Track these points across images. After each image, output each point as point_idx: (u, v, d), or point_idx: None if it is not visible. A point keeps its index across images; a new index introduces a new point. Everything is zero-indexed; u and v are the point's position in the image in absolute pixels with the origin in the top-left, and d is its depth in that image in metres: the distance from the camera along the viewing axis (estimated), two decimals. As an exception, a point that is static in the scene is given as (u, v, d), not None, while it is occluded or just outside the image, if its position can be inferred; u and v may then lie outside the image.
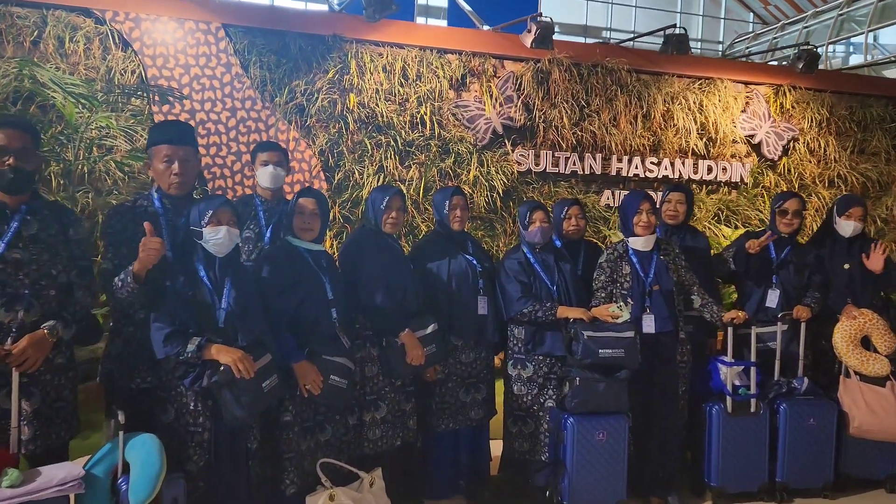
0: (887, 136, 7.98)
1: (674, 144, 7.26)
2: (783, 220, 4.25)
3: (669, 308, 3.87)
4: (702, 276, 4.14)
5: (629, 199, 4.02)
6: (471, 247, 4.05)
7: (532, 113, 6.81)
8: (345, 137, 6.31)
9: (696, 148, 7.30)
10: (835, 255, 4.33)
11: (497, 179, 6.59)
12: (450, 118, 6.63)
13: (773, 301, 4.18)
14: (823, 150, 7.72)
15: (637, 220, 3.91)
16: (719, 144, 7.43)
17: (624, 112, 7.09)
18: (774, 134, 7.58)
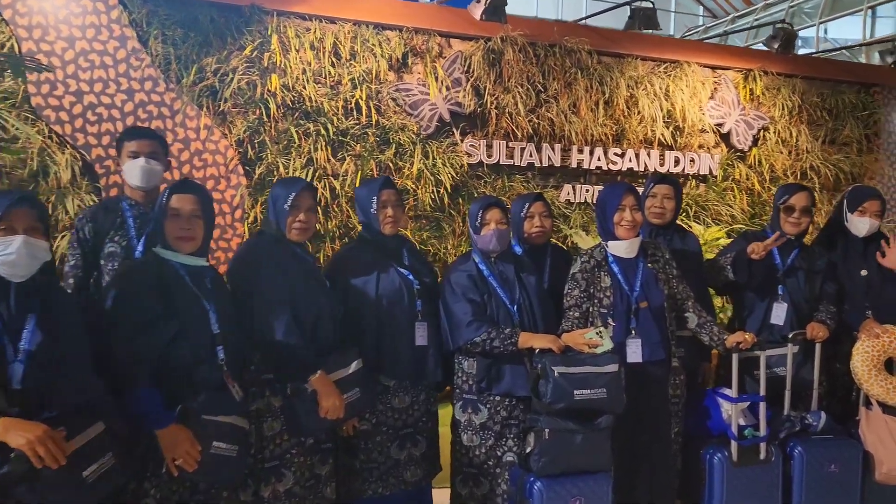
0: (859, 124, 7.21)
1: (638, 134, 6.35)
2: (789, 218, 3.34)
3: (661, 330, 2.92)
4: (693, 287, 3.23)
5: (608, 193, 3.04)
6: (407, 257, 3.03)
7: (483, 98, 5.80)
8: (267, 125, 5.22)
9: (663, 138, 6.41)
10: (849, 259, 3.45)
11: (444, 173, 5.56)
12: (390, 104, 5.58)
13: (780, 317, 3.29)
14: (795, 140, 6.91)
15: (619, 218, 2.94)
16: (687, 134, 6.55)
17: (584, 98, 6.14)
18: (744, 122, 6.74)
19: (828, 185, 7.02)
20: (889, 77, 7.32)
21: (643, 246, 3.03)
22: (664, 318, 2.94)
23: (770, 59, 6.86)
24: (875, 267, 3.37)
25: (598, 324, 2.89)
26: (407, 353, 2.87)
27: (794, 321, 3.25)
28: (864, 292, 3.35)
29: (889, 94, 7.28)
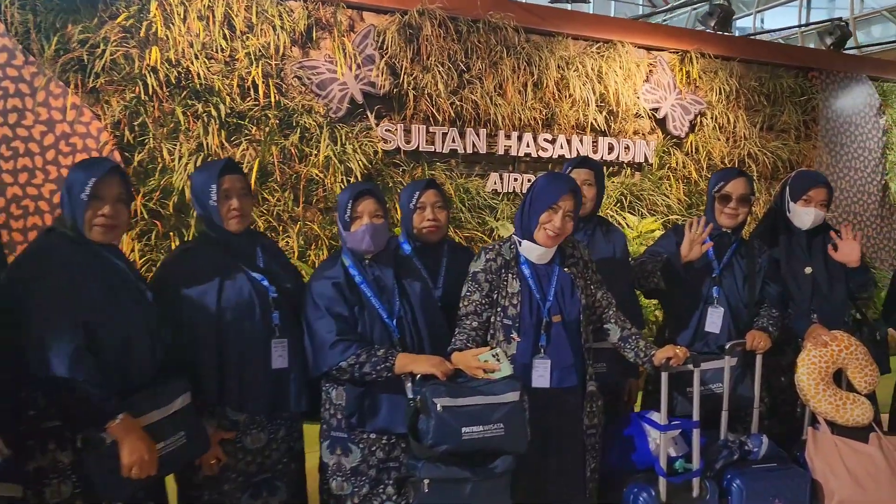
0: (797, 110, 6.78)
1: (570, 118, 5.77)
2: (725, 208, 2.78)
3: (575, 349, 2.31)
4: (617, 290, 2.66)
5: (546, 185, 2.34)
6: (262, 258, 2.36)
7: (400, 78, 5.14)
8: (149, 105, 4.46)
9: (596, 123, 5.84)
10: (792, 255, 2.91)
11: (355, 160, 4.88)
12: (294, 83, 4.87)
13: (716, 324, 2.74)
14: (733, 126, 6.43)
15: (547, 219, 2.30)
16: (621, 119, 5.99)
17: (511, 79, 5.53)
18: (681, 107, 6.22)
19: (766, 173, 6.57)
20: (827, 61, 6.89)
21: (560, 245, 2.42)
22: (579, 334, 2.34)
23: (707, 41, 6.35)
24: (821, 264, 2.84)
25: (500, 337, 2.28)
26: (260, 378, 2.21)
27: (732, 328, 2.69)
28: (810, 294, 2.82)
29: (827, 78, 6.86)
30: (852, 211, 6.98)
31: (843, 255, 2.77)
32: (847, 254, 2.76)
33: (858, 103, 6.99)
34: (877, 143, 7.12)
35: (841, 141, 6.91)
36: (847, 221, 6.93)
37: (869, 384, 2.67)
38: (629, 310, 2.73)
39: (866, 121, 7.06)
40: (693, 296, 2.71)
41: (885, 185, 7.19)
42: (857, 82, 6.98)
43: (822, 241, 2.90)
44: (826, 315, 2.78)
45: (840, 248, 2.77)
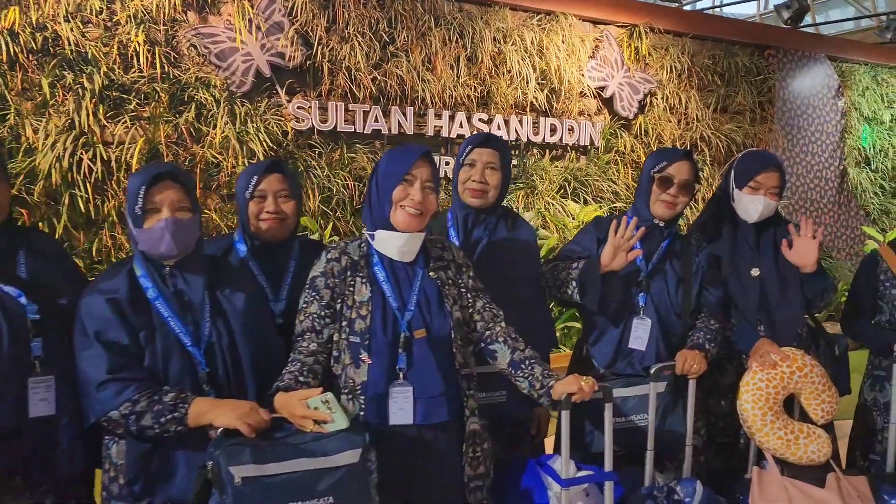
0: (753, 90, 6.23)
1: (508, 97, 5.14)
2: (663, 194, 2.14)
3: (446, 374, 1.66)
4: (524, 297, 2.05)
5: (391, 158, 1.70)
6: (25, 264, 1.69)
7: (313, 49, 4.47)
8: (8, 75, 3.73)
9: (537, 102, 5.22)
10: (737, 253, 2.30)
11: (257, 142, 4.21)
12: (188, 53, 4.17)
13: (642, 339, 2.13)
14: (685, 107, 5.86)
15: (402, 195, 1.68)
16: (564, 98, 5.38)
17: (442, 52, 4.88)
18: (629, 86, 5.62)
19: (719, 157, 6.01)
20: (784, 38, 6.33)
21: (425, 245, 1.79)
22: (452, 355, 1.72)
23: (657, 15, 5.74)
24: (772, 264, 2.24)
25: (346, 360, 1.65)
26: (10, 430, 1.57)
27: (662, 344, 2.09)
28: (757, 301, 2.23)
29: (784, 57, 6.31)
30: (809, 198, 6.47)
31: (797, 255, 2.17)
32: (802, 254, 2.16)
33: (816, 84, 6.46)
34: (835, 126, 6.61)
35: (798, 124, 6.38)
36: (805, 211, 6.42)
37: (827, 413, 2.10)
38: (539, 324, 2.12)
39: (824, 103, 6.53)
40: (615, 304, 2.11)
41: (843, 171, 6.70)
42: (815, 62, 6.44)
43: (773, 236, 2.29)
44: (776, 327, 2.19)
45: (795, 246, 2.18)
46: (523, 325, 2.06)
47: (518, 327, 1.96)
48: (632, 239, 2.04)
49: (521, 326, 2.03)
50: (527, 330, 2.05)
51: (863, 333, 2.31)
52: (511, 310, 2.03)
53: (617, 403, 2.04)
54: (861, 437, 2.34)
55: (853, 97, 6.67)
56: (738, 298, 2.25)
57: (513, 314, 2.03)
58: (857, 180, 6.69)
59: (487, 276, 1.99)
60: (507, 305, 2.02)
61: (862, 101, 6.69)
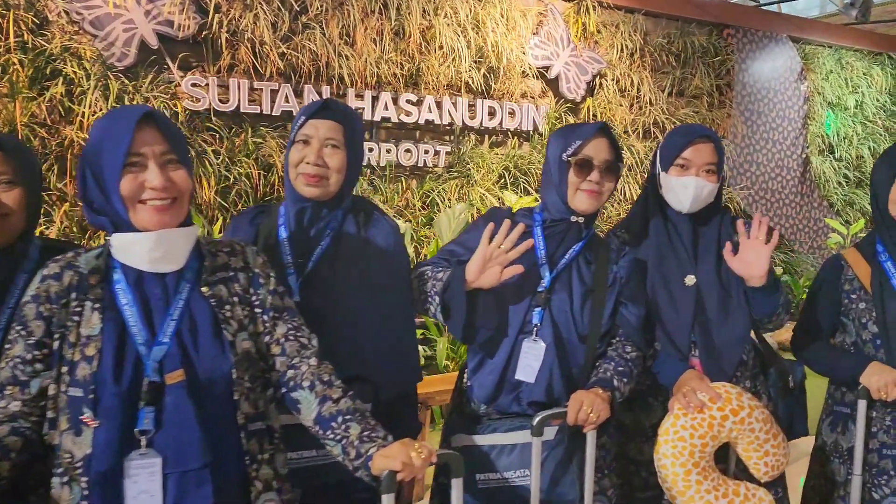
0: (711, 73, 5.72)
1: (440, 76, 4.57)
2: (584, 182, 1.58)
3: (217, 436, 1.09)
4: (379, 316, 1.49)
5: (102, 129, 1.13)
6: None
7: (209, 17, 3.85)
8: None
9: (472, 82, 4.66)
10: (667, 256, 1.75)
11: (134, 121, 3.59)
12: (55, 19, 3.53)
13: (532, 367, 1.54)
14: (637, 90, 5.33)
15: (133, 181, 1.07)
16: (504, 78, 4.82)
17: (363, 25, 4.28)
18: (576, 66, 5.08)
19: (675, 144, 5.50)
20: (744, 17, 5.82)
21: (199, 249, 1.22)
22: (231, 404, 1.14)
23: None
24: (711, 270, 1.69)
25: (64, 425, 1.07)
26: None
27: (557, 375, 1.52)
28: (690, 318, 1.68)
29: (744, 37, 5.80)
30: (770, 188, 5.99)
31: (743, 263, 1.61)
32: (749, 263, 1.60)
33: (778, 67, 5.97)
34: (798, 111, 6.14)
35: (758, 109, 5.89)
36: (765, 202, 5.94)
37: (772, 468, 1.57)
38: (403, 351, 1.56)
39: (786, 87, 6.05)
40: (486, 331, 1.55)
41: (806, 159, 6.23)
42: (776, 43, 5.95)
43: (716, 233, 1.74)
44: (715, 352, 1.65)
45: (742, 250, 1.63)
46: (379, 352, 1.51)
47: (373, 356, 1.42)
48: (511, 251, 1.49)
49: (377, 354, 1.49)
50: (384, 359, 1.50)
51: (820, 359, 1.77)
52: (362, 332, 1.49)
53: (489, 456, 1.49)
54: (818, 489, 1.82)
55: (816, 81, 6.20)
56: (666, 315, 1.70)
57: (365, 338, 1.48)
58: (821, 169, 6.23)
59: (328, 290, 1.47)
60: (355, 327, 1.48)
61: (825, 86, 6.23)
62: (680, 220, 1.74)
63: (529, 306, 1.57)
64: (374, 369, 1.49)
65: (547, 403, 1.52)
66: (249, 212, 1.61)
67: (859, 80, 6.46)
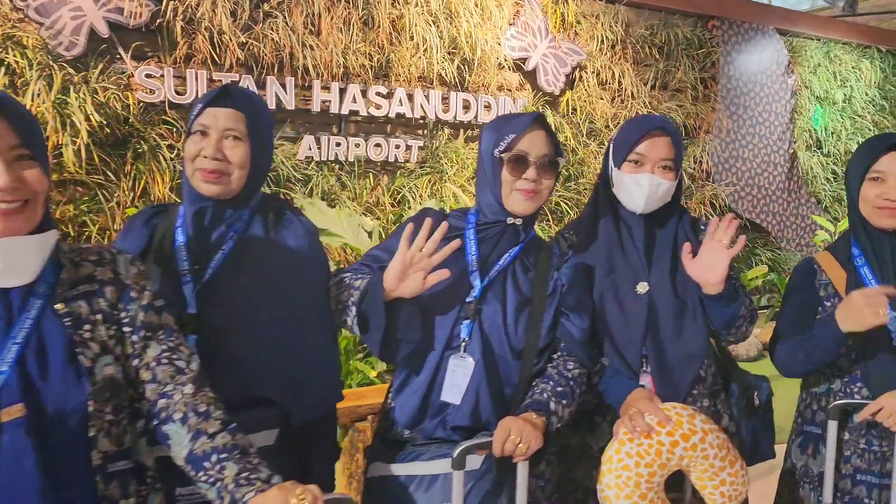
0: (695, 66, 5.54)
1: (411, 68, 4.38)
2: (519, 180, 1.37)
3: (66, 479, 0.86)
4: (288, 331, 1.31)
5: None
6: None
7: (163, 4, 3.65)
8: None
9: (446, 74, 4.46)
10: (618, 261, 1.56)
11: (78, 114, 3.35)
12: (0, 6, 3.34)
13: (458, 387, 1.34)
14: (618, 83, 5.14)
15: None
16: (479, 70, 4.63)
17: (329, 14, 4.09)
18: (554, 58, 4.89)
19: (657, 139, 5.31)
20: (730, 8, 5.63)
21: (58, 258, 1.04)
22: (85, 443, 0.97)
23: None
24: (667, 277, 1.52)
25: None
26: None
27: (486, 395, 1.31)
28: (642, 330, 1.50)
29: (729, 29, 5.62)
30: (756, 184, 5.82)
31: (700, 267, 1.44)
32: (705, 266, 1.43)
33: (765, 60, 5.79)
34: (784, 106, 5.96)
35: (744, 103, 5.71)
36: (751, 199, 5.77)
37: (730, 497, 1.38)
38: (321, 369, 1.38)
39: (773, 80, 5.87)
40: (408, 345, 1.37)
41: (793, 155, 6.06)
42: (763, 35, 5.77)
43: (673, 236, 1.56)
44: (669, 367, 1.47)
45: (701, 254, 1.45)
46: (289, 370, 1.34)
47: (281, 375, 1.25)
48: (435, 255, 1.31)
49: (286, 373, 1.32)
50: (296, 378, 1.34)
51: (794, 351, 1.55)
52: (269, 348, 1.32)
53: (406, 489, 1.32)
54: (787, 517, 1.64)
55: (804, 75, 6.02)
56: (614, 327, 1.53)
57: (272, 354, 1.31)
58: (808, 165, 6.06)
59: (229, 300, 1.31)
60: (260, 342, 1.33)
61: (813, 80, 6.05)
62: (633, 222, 1.56)
63: (457, 318, 1.39)
64: (282, 391, 1.32)
65: (473, 428, 1.35)
66: (146, 212, 1.42)
67: (848, 73, 6.28)
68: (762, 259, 5.64)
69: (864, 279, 1.53)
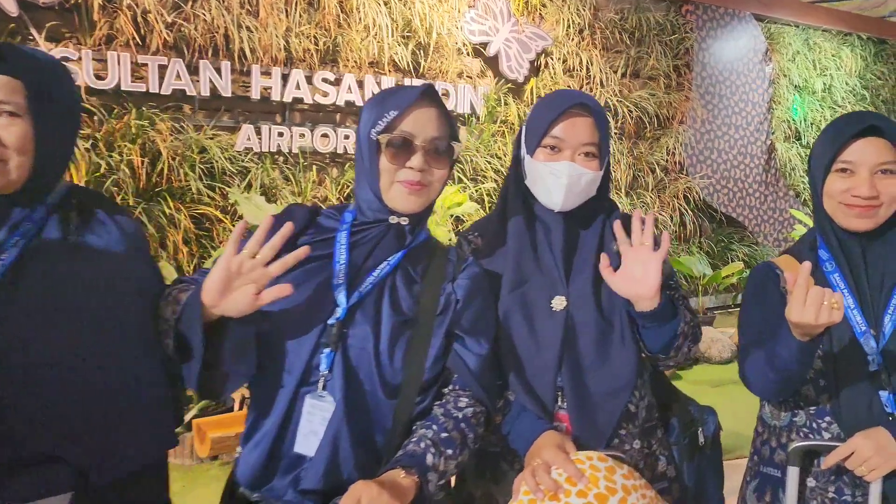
0: (668, 52, 5.25)
1: (361, 52, 4.05)
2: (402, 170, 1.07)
3: None
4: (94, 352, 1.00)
5: None
6: None
7: (79, -20, 3.31)
8: None
9: (399, 60, 4.15)
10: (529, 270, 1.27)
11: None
12: None
13: (314, 435, 1.04)
14: (586, 70, 4.85)
15: None
16: (436, 55, 4.32)
17: (268, -8, 3.76)
18: (518, 43, 4.58)
19: (628, 129, 5.03)
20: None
21: None
22: None
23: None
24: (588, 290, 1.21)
25: None
26: None
27: (349, 445, 1.00)
28: (558, 355, 1.20)
29: (704, 14, 5.33)
30: (732, 177, 5.55)
31: (626, 280, 1.14)
32: (634, 279, 1.13)
33: (741, 47, 5.52)
34: (762, 95, 5.69)
35: (720, 92, 5.44)
36: (727, 192, 5.49)
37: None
38: (134, 411, 1.06)
39: (750, 68, 5.60)
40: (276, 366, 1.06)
41: (771, 146, 5.79)
42: (739, 21, 5.50)
43: (597, 239, 1.26)
44: (587, 403, 1.17)
45: (625, 261, 1.15)
46: (92, 415, 1.04)
47: (80, 422, 0.98)
48: (273, 265, 1.00)
49: (88, 419, 1.03)
50: (101, 425, 1.04)
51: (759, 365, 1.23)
52: (64, 386, 1.05)
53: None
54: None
55: (782, 63, 5.75)
56: (523, 352, 1.23)
57: (68, 394, 1.03)
58: (787, 157, 5.80)
59: (10, 325, 1.01)
60: (52, 380, 1.02)
61: (792, 68, 5.78)
62: (551, 221, 1.27)
63: (316, 346, 1.08)
64: (80, 442, 1.01)
65: (330, 491, 1.04)
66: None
67: (828, 61, 6.02)
68: (738, 255, 5.37)
69: (835, 287, 1.24)
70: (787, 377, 1.16)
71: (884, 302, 1.20)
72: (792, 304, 1.05)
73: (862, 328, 1.19)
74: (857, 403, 1.18)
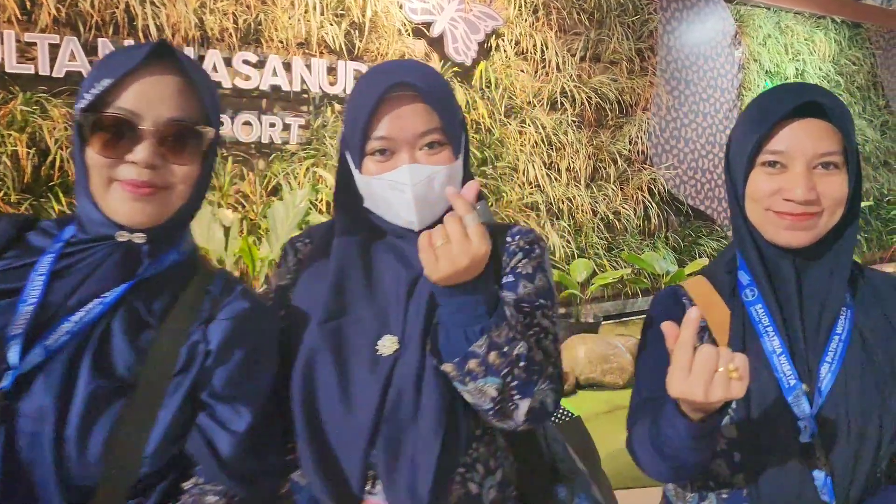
0: (631, 35, 4.91)
1: (288, 32, 3.67)
2: (112, 159, 0.76)
3: None
4: None
5: None
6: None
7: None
8: None
9: (331, 40, 3.77)
10: (352, 297, 0.95)
11: None
12: None
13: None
14: (541, 53, 4.50)
15: None
16: (372, 35, 3.94)
17: (177, -36, 3.37)
18: (465, 23, 4.21)
19: (588, 117, 4.69)
20: (668, -29, 5.02)
21: None
22: None
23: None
24: (421, 324, 0.89)
25: None
26: None
27: None
28: (371, 422, 0.85)
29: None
30: (700, 167, 5.23)
31: (447, 267, 0.80)
32: (435, 263, 0.80)
33: (709, 29, 5.19)
34: (731, 81, 5.37)
35: (686, 77, 5.11)
36: (694, 183, 5.18)
37: None
38: None
39: (718, 52, 5.27)
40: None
41: (740, 136, 5.46)
42: (707, 2, 5.17)
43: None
44: (409, 486, 0.84)
45: (434, 253, 0.80)
46: None
47: None
48: None
49: None
50: None
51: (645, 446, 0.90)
52: None
53: None
54: None
55: (753, 46, 5.43)
56: (328, 413, 0.89)
57: None
58: (757, 146, 5.47)
59: None
60: None
61: (763, 52, 5.47)
62: (405, 244, 0.92)
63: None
64: None
65: None
66: None
67: (800, 46, 5.72)
68: (706, 250, 5.07)
69: (756, 323, 0.90)
70: (679, 465, 0.82)
71: (821, 346, 0.87)
72: (672, 373, 0.72)
73: (791, 382, 0.86)
74: (784, 487, 0.84)
